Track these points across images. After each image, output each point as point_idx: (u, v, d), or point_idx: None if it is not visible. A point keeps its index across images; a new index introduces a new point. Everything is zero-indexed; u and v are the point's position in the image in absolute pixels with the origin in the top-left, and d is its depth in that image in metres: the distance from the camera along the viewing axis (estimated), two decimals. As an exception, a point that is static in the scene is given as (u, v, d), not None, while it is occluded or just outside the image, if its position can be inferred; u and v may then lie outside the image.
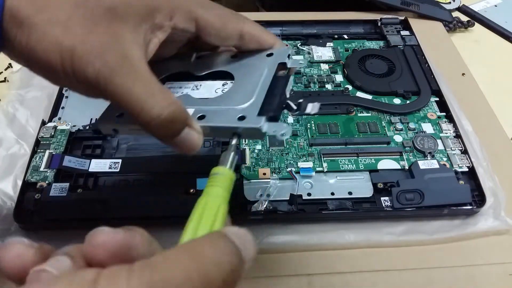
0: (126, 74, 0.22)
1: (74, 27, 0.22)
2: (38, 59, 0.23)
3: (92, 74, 0.22)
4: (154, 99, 0.23)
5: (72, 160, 0.39)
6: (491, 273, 0.35)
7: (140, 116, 0.23)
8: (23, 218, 0.36)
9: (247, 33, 0.28)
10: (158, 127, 0.23)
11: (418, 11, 0.61)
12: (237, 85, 0.28)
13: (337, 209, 0.37)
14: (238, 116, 0.26)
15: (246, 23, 0.28)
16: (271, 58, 0.29)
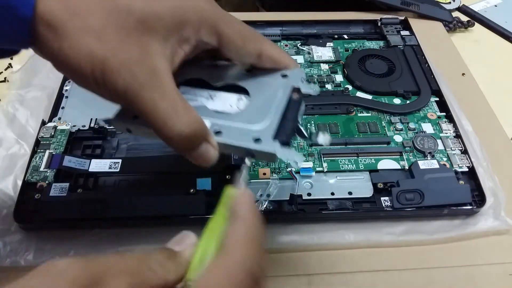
0: (153, 89, 0.23)
1: (106, 37, 0.23)
2: (69, 65, 0.23)
3: (122, 87, 0.23)
4: (178, 116, 0.24)
5: (72, 160, 0.39)
6: (491, 273, 0.35)
7: (162, 131, 0.24)
8: (23, 218, 0.36)
9: (265, 53, 0.29)
10: (178, 143, 0.24)
11: (418, 11, 0.61)
12: (253, 103, 0.29)
13: (337, 209, 0.37)
14: (253, 137, 0.27)
15: (265, 44, 0.29)
16: (285, 80, 0.30)
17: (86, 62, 0.23)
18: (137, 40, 0.23)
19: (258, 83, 0.30)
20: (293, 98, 0.30)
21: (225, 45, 0.27)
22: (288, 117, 0.28)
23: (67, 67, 0.24)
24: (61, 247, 0.35)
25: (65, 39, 0.23)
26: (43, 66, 0.50)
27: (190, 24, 0.25)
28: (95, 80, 0.23)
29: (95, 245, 0.35)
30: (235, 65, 0.32)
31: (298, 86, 0.30)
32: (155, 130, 0.24)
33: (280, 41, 0.55)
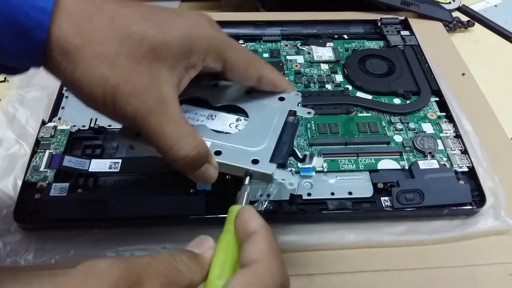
0: (161, 115, 0.25)
1: (119, 65, 0.24)
2: (81, 89, 0.24)
3: (131, 112, 0.24)
4: (184, 141, 0.25)
5: (72, 160, 0.39)
6: (491, 273, 0.35)
7: (167, 154, 0.25)
8: (23, 218, 0.36)
9: (265, 77, 0.31)
10: (183, 165, 0.26)
11: (418, 11, 0.61)
12: (251, 125, 0.31)
13: (337, 209, 0.37)
14: (251, 158, 0.28)
15: (266, 69, 0.31)
16: (282, 103, 0.32)
17: (98, 88, 0.24)
18: (148, 68, 0.25)
19: (257, 105, 0.32)
20: (289, 121, 0.31)
21: (228, 70, 0.29)
22: (284, 139, 0.30)
23: (79, 91, 0.24)
24: (61, 247, 0.35)
25: (79, 65, 0.24)
26: (43, 66, 0.50)
27: (198, 51, 0.27)
28: (105, 105, 0.24)
29: (95, 245, 0.35)
30: (235, 85, 0.33)
31: (294, 109, 0.32)
32: (161, 152, 0.26)
33: (280, 41, 0.55)
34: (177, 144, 0.25)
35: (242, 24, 0.57)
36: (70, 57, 0.24)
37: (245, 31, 0.56)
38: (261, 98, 0.32)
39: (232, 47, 0.29)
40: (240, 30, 0.56)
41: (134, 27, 0.25)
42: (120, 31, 0.24)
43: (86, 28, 0.24)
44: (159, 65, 0.25)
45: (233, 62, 0.29)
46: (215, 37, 0.27)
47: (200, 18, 0.28)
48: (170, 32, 0.25)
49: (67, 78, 0.24)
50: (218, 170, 0.28)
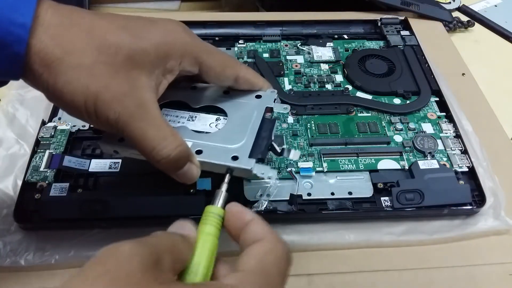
0: (142, 119, 0.26)
1: (98, 73, 0.25)
2: (63, 98, 0.25)
3: (113, 118, 0.25)
4: (165, 141, 0.26)
5: (72, 160, 0.39)
6: (491, 273, 0.35)
7: (150, 155, 0.26)
8: (23, 218, 0.36)
9: (242, 77, 0.32)
10: (165, 165, 0.27)
11: (418, 11, 0.61)
12: (230, 123, 0.32)
13: (337, 209, 0.37)
14: (231, 155, 0.29)
15: (242, 69, 0.32)
16: (259, 100, 0.33)
17: (79, 96, 0.25)
18: (126, 75, 0.26)
19: (235, 104, 0.33)
20: (266, 118, 0.32)
21: (205, 72, 0.30)
22: (263, 135, 0.31)
23: (61, 100, 0.25)
24: (61, 247, 0.35)
25: (60, 76, 0.24)
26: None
27: (174, 57, 0.28)
28: (88, 112, 0.25)
29: (95, 245, 0.35)
30: (213, 87, 0.34)
31: (271, 106, 0.33)
32: (144, 154, 0.26)
33: (280, 41, 0.55)
34: (159, 146, 0.26)
35: (242, 24, 0.57)
36: (50, 68, 0.24)
37: (245, 31, 0.56)
38: (239, 97, 0.33)
39: (207, 50, 0.30)
40: (240, 30, 0.56)
41: (111, 37, 0.26)
42: (97, 41, 0.25)
43: (65, 40, 0.25)
44: (137, 71, 0.26)
45: (209, 64, 0.30)
46: (189, 42, 0.29)
47: (174, 24, 0.29)
48: (146, 40, 0.27)
49: (49, 89, 0.25)
50: (201, 169, 0.29)
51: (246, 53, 0.53)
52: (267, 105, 0.33)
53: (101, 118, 0.25)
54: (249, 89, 0.34)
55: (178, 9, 0.72)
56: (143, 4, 0.72)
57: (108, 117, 0.25)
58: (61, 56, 0.24)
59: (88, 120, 0.26)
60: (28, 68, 0.25)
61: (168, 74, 0.28)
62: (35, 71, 0.25)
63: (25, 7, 0.24)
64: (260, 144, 0.30)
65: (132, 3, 0.71)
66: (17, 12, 0.23)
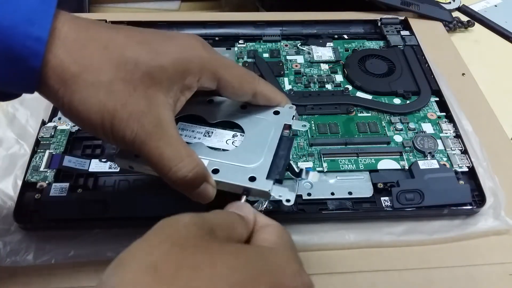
0: (159, 138, 0.25)
1: (116, 91, 0.24)
2: (79, 115, 0.25)
3: (130, 137, 0.25)
4: (182, 162, 0.26)
5: (72, 160, 0.39)
6: (491, 273, 0.35)
7: (167, 176, 0.26)
8: (23, 218, 0.36)
9: (260, 92, 0.31)
10: (182, 185, 0.27)
11: (418, 11, 0.61)
12: (247, 141, 0.31)
13: (337, 209, 0.37)
14: (249, 176, 0.28)
15: (260, 84, 0.31)
16: (277, 117, 0.32)
17: (96, 114, 0.24)
18: (144, 92, 0.25)
19: (252, 120, 0.32)
20: (284, 135, 0.31)
21: (223, 88, 0.29)
22: (280, 154, 0.30)
23: (77, 117, 0.25)
24: (61, 247, 0.35)
25: (76, 93, 0.24)
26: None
27: (192, 73, 0.27)
28: (104, 130, 0.25)
29: (95, 245, 0.35)
30: (230, 101, 0.33)
31: (289, 123, 0.32)
32: (161, 174, 0.26)
33: (280, 41, 0.55)
34: (175, 166, 0.26)
35: (242, 24, 0.57)
36: (67, 85, 0.24)
37: (245, 31, 0.56)
38: (256, 112, 0.33)
39: (226, 65, 0.29)
40: (240, 30, 0.56)
41: (129, 53, 0.25)
42: (115, 58, 0.25)
43: (82, 55, 0.24)
44: (155, 89, 0.26)
45: (227, 80, 0.29)
46: (207, 57, 0.28)
47: (192, 39, 0.28)
48: (164, 56, 0.26)
49: (64, 105, 0.25)
50: (216, 188, 0.29)
51: (246, 53, 0.53)
52: (285, 122, 0.32)
53: (118, 136, 0.25)
54: (267, 105, 0.33)
55: (178, 9, 0.72)
56: (143, 4, 0.72)
57: (125, 136, 0.25)
58: (78, 73, 0.24)
59: (104, 138, 0.26)
60: (44, 83, 0.24)
61: (186, 90, 0.28)
62: (50, 87, 0.24)
63: (42, 20, 0.23)
64: (278, 164, 0.29)
65: (132, 3, 0.71)
66: (33, 26, 0.23)
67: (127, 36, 0.26)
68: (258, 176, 0.28)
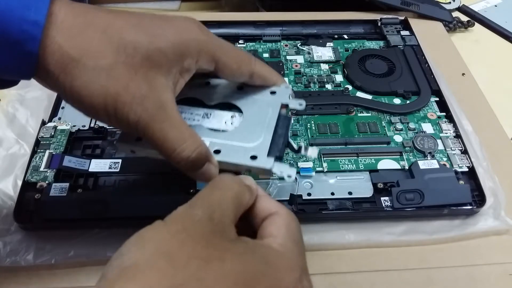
0: (163, 120, 0.26)
1: (117, 75, 0.25)
2: (81, 100, 0.25)
3: (134, 119, 0.25)
4: (186, 143, 0.26)
5: (72, 160, 0.39)
6: (491, 273, 0.35)
7: (171, 157, 0.26)
8: (23, 218, 0.36)
9: (256, 73, 0.31)
10: (185, 166, 0.27)
11: (418, 11, 0.61)
12: (246, 121, 0.31)
13: (337, 209, 0.37)
14: (250, 155, 0.29)
15: (257, 65, 0.31)
16: (274, 96, 0.33)
17: (99, 98, 0.24)
18: (144, 76, 0.25)
19: (250, 101, 0.32)
20: (282, 114, 0.32)
21: (221, 69, 0.29)
22: (279, 132, 0.30)
23: (79, 103, 0.25)
24: (61, 247, 0.35)
25: (77, 78, 0.24)
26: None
27: (191, 55, 0.27)
28: (107, 114, 0.25)
29: (95, 245, 0.35)
30: (226, 82, 0.34)
31: (286, 102, 0.32)
32: (165, 155, 0.26)
33: (280, 41, 0.55)
34: (179, 147, 0.26)
35: (242, 24, 0.57)
36: (67, 70, 0.24)
37: (245, 31, 0.56)
38: (253, 93, 0.33)
39: (223, 47, 0.29)
40: (240, 30, 0.56)
41: (128, 36, 0.25)
42: (114, 42, 0.25)
43: (81, 40, 0.24)
44: (155, 72, 0.26)
45: (225, 61, 0.29)
46: (205, 39, 0.28)
47: (189, 22, 0.28)
48: (162, 39, 0.26)
49: (66, 91, 0.25)
50: (219, 168, 0.29)
51: (246, 53, 0.53)
52: (282, 102, 0.32)
53: (121, 120, 0.25)
54: (263, 85, 0.33)
55: (178, 9, 0.72)
56: (143, 4, 0.72)
57: (128, 119, 0.25)
58: (78, 57, 0.24)
59: (107, 122, 0.26)
60: (43, 69, 0.24)
61: (185, 73, 0.28)
62: (50, 73, 0.24)
63: (38, 5, 0.23)
64: (277, 141, 0.30)
65: (132, 3, 0.71)
66: (29, 10, 0.23)
67: (125, 20, 0.26)
68: (259, 155, 0.29)
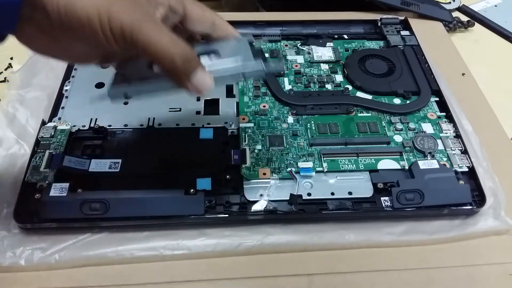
0: (154, 26, 0.27)
1: None
2: (75, 14, 0.25)
3: (127, 25, 0.26)
4: (177, 43, 0.28)
5: (72, 160, 0.39)
6: (491, 273, 0.35)
7: (165, 59, 0.27)
8: (23, 218, 0.36)
9: (217, 23, 0.34)
10: (180, 67, 0.28)
11: (418, 11, 0.61)
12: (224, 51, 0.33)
13: (337, 209, 0.37)
14: (239, 64, 0.31)
15: (217, 17, 0.34)
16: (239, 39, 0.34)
17: (93, 8, 0.25)
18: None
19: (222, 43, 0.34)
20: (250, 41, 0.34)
21: (188, 14, 0.32)
22: (255, 47, 0.33)
23: (72, 18, 0.26)
24: (61, 247, 0.35)
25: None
26: (43, 66, 0.50)
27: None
28: (102, 24, 0.26)
29: (95, 245, 0.35)
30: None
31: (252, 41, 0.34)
32: (158, 58, 0.27)
33: (280, 41, 0.55)
34: (173, 47, 0.27)
35: (242, 24, 0.57)
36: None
37: (245, 31, 0.56)
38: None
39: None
40: (240, 30, 0.55)
41: None
42: None
43: None
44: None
45: (191, 6, 0.32)
46: None
47: None
48: None
49: (60, 8, 0.25)
50: (214, 82, 0.30)
51: (246, 53, 0.53)
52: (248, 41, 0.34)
53: (115, 28, 0.26)
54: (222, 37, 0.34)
55: (178, 9, 0.72)
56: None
57: (122, 25, 0.26)
58: None
59: (100, 34, 0.27)
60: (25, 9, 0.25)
61: (159, 5, 0.30)
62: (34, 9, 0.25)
63: None
64: (256, 51, 0.32)
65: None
66: None
67: None
68: (249, 62, 0.31)
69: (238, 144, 0.42)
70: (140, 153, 0.41)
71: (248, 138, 0.42)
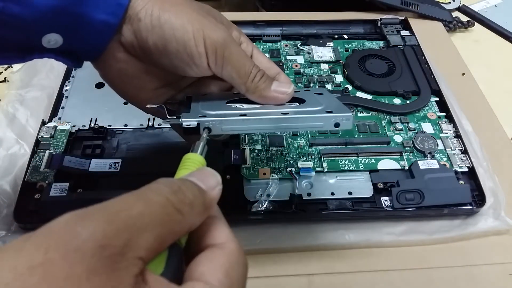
0: (237, 46, 0.29)
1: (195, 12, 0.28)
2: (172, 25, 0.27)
3: (219, 39, 0.28)
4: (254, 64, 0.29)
5: (72, 160, 0.39)
6: (491, 273, 0.35)
7: (246, 75, 0.29)
8: (23, 218, 0.36)
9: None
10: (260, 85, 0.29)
11: (418, 11, 0.61)
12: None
13: (337, 209, 0.37)
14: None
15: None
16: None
17: (188, 25, 0.27)
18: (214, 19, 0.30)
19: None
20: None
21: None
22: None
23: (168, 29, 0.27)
24: (61, 247, 0.35)
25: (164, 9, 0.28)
26: (43, 66, 0.50)
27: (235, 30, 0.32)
28: (196, 40, 0.27)
29: (95, 245, 0.35)
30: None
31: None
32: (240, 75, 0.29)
33: (280, 41, 0.55)
34: (254, 66, 0.29)
35: (242, 24, 0.57)
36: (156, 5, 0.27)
37: (245, 31, 0.56)
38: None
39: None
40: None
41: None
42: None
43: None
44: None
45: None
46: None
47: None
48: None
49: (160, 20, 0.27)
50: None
51: (246, 53, 0.53)
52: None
53: (209, 44, 0.27)
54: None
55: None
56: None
57: (215, 42, 0.28)
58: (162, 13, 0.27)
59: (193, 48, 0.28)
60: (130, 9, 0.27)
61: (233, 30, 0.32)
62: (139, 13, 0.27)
63: None
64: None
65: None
66: None
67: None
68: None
69: (238, 144, 0.42)
70: (140, 153, 0.41)
71: (248, 138, 0.42)
